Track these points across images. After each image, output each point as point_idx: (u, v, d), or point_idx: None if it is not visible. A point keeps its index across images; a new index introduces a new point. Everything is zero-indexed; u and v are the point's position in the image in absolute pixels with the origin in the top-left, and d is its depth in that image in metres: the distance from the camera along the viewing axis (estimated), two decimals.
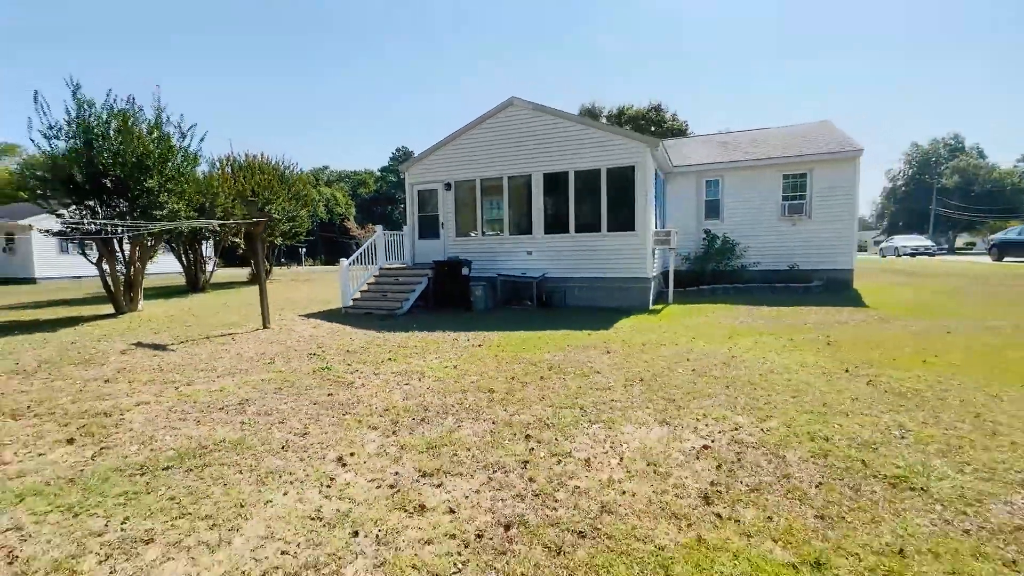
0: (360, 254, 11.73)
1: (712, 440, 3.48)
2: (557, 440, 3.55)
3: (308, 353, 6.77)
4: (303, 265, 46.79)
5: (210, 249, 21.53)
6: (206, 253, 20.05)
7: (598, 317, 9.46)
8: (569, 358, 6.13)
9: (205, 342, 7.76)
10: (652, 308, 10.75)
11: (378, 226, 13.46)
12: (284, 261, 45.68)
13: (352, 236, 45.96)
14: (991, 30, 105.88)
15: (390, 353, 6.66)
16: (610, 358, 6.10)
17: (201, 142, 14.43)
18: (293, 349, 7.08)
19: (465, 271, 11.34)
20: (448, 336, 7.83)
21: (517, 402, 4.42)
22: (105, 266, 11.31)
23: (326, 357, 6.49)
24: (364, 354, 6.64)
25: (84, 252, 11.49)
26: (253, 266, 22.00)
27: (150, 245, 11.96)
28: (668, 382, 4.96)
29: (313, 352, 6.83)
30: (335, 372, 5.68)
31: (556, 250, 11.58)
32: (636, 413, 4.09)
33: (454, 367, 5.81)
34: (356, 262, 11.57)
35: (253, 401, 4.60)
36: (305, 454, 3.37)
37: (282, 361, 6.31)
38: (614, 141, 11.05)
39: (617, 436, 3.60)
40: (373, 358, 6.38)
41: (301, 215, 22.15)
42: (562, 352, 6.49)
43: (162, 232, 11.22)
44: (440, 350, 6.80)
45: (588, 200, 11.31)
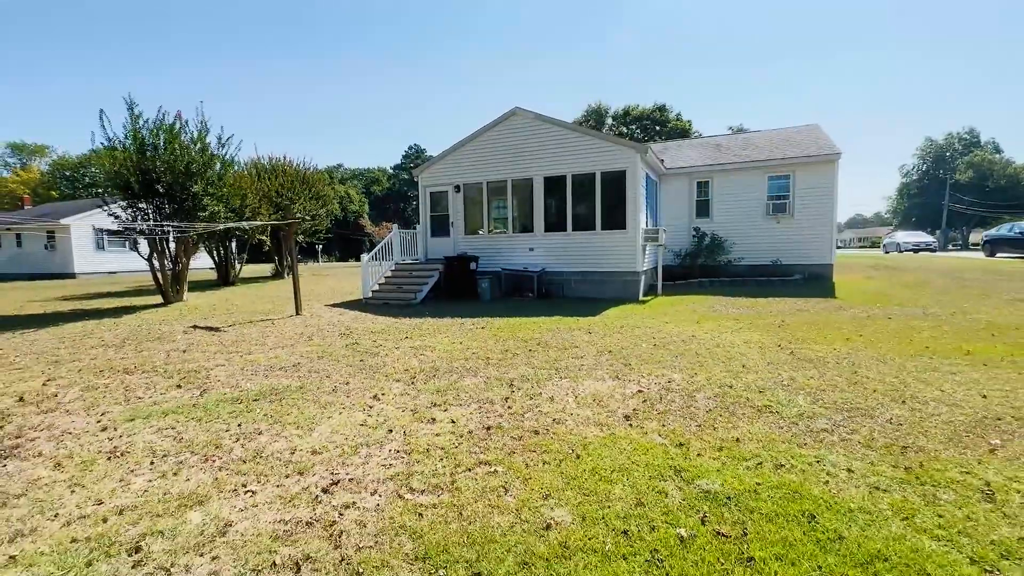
0: (378, 251, 13.08)
1: (647, 387, 4.71)
2: (533, 387, 4.80)
3: (339, 333, 8.11)
4: (319, 262, 48.55)
5: (236, 246, 23.13)
6: (234, 250, 21.63)
7: (590, 306, 10.67)
8: (556, 337, 7.37)
9: (250, 325, 9.15)
10: (642, 299, 11.91)
11: (394, 225, 14.81)
12: (301, 258, 47.48)
13: (366, 233, 47.58)
14: (1007, 23, 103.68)
15: (407, 333, 7.97)
16: (590, 337, 7.33)
17: (237, 151, 15.85)
18: (325, 330, 8.43)
19: (473, 266, 12.61)
20: (456, 321, 9.11)
21: (507, 365, 5.69)
22: (155, 262, 12.81)
23: (354, 336, 7.82)
24: (385, 334, 7.95)
25: (136, 249, 12.98)
26: (277, 263, 23.57)
27: (194, 243, 13.44)
28: (631, 353, 6.18)
29: (343, 332, 8.17)
30: (363, 346, 7.00)
31: (555, 246, 12.79)
32: (597, 372, 5.32)
33: (460, 343, 7.09)
34: (374, 258, 12.92)
35: (303, 364, 5.94)
36: (349, 394, 4.67)
37: (319, 338, 7.66)
38: (607, 148, 12.21)
39: (578, 386, 4.84)
40: (393, 337, 7.69)
41: (320, 214, 23.67)
42: (551, 333, 7.73)
43: (204, 231, 12.69)
44: (449, 331, 8.08)
45: (584, 201, 12.49)
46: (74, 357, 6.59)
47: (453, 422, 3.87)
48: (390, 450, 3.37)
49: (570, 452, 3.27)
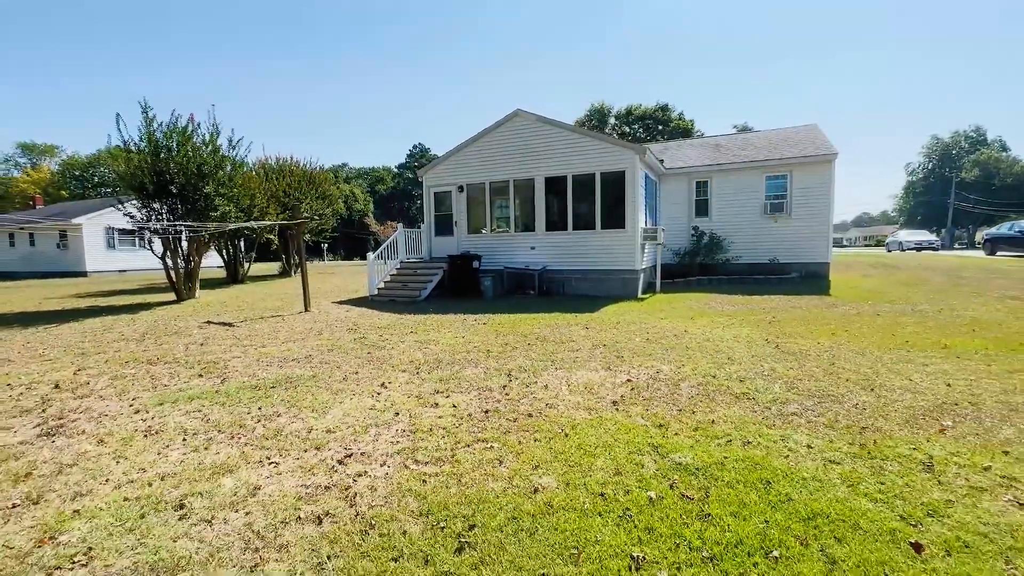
0: (384, 249, 13.45)
1: (636, 377, 5.03)
2: (529, 377, 5.14)
3: (347, 328, 8.48)
4: (325, 260, 49.07)
5: (244, 245, 23.61)
6: (242, 249, 22.10)
7: (589, 304, 10.99)
8: (554, 332, 7.70)
9: (261, 321, 9.54)
10: (640, 297, 12.22)
11: (399, 224, 15.18)
12: (307, 257, 47.97)
13: (371, 232, 48.08)
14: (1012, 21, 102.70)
15: (412, 328, 8.32)
16: (587, 332, 7.66)
17: (247, 153, 16.30)
18: (334, 326, 8.80)
19: (476, 264, 12.96)
20: (459, 317, 9.46)
21: (506, 357, 6.03)
22: (168, 260, 13.23)
23: (361, 331, 8.19)
24: (391, 329, 8.31)
25: (151, 248, 13.41)
26: (284, 261, 24.05)
27: (205, 242, 13.87)
28: (624, 347, 6.50)
29: (350, 328, 8.54)
30: (370, 340, 7.36)
31: (556, 245, 13.12)
32: (591, 364, 5.65)
33: (462, 337, 7.44)
34: (380, 256, 13.29)
35: (314, 356, 6.30)
36: (358, 382, 5.03)
37: (328, 333, 8.03)
38: (607, 149, 12.52)
39: (572, 376, 5.18)
40: (399, 332, 8.05)
41: (326, 213, 24.10)
42: (550, 328, 8.06)
43: (216, 231, 13.10)
44: (452, 327, 8.43)
45: (584, 201, 12.81)
46: (99, 350, 7.00)
47: (454, 407, 4.22)
48: (397, 430, 3.72)
49: (559, 431, 3.61)
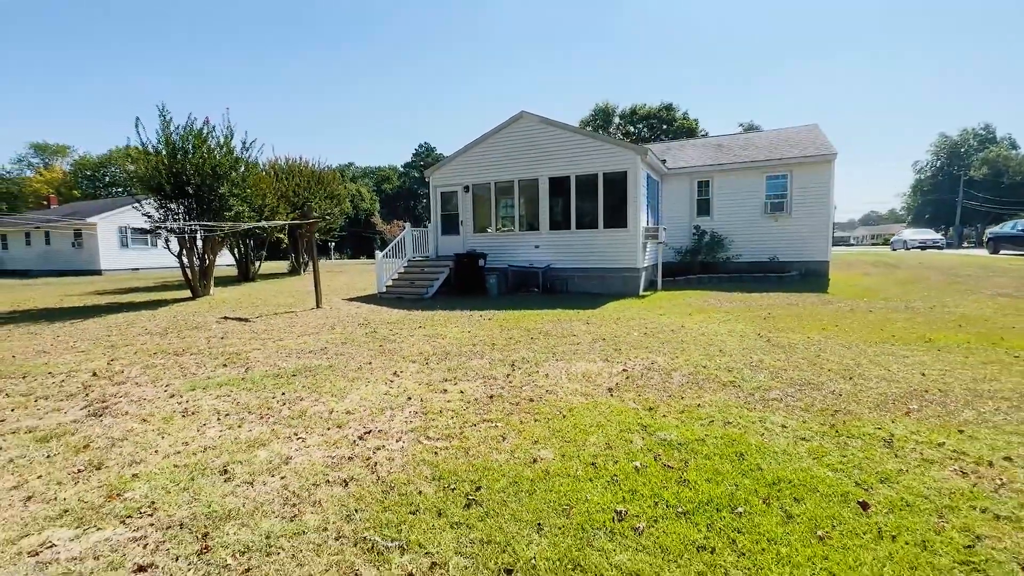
0: (391, 248, 13.85)
1: (632, 368, 5.37)
2: (531, 367, 5.49)
3: (358, 323, 8.87)
4: (332, 259, 49.64)
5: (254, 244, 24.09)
6: (252, 247, 22.58)
7: (591, 300, 11.32)
8: (556, 327, 8.05)
9: (275, 317, 9.95)
10: (641, 294, 12.53)
11: (406, 223, 15.58)
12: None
13: (378, 231, 48.49)
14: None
15: (420, 324, 8.70)
16: (587, 327, 7.99)
17: (260, 154, 16.73)
18: (345, 321, 9.19)
19: (481, 262, 13.32)
20: (465, 313, 9.82)
21: (510, 350, 6.38)
22: (184, 258, 13.69)
23: (372, 325, 8.57)
24: (400, 324, 8.69)
25: (168, 246, 13.87)
26: (293, 259, 24.53)
27: (220, 241, 14.32)
28: (622, 340, 6.84)
29: (361, 323, 8.92)
30: (381, 334, 7.74)
31: (559, 244, 13.45)
32: (589, 355, 6.00)
33: (468, 332, 7.80)
34: (388, 255, 13.68)
35: (329, 349, 6.69)
36: (372, 372, 5.40)
37: (340, 328, 8.42)
38: (609, 150, 12.83)
39: (571, 366, 5.52)
40: (408, 326, 8.42)
41: (334, 212, 24.55)
42: (552, 323, 8.40)
43: (230, 230, 13.54)
44: (458, 322, 8.80)
45: (587, 200, 13.12)
46: (126, 342, 7.42)
47: (462, 392, 4.58)
48: (410, 412, 4.09)
49: (558, 413, 3.96)
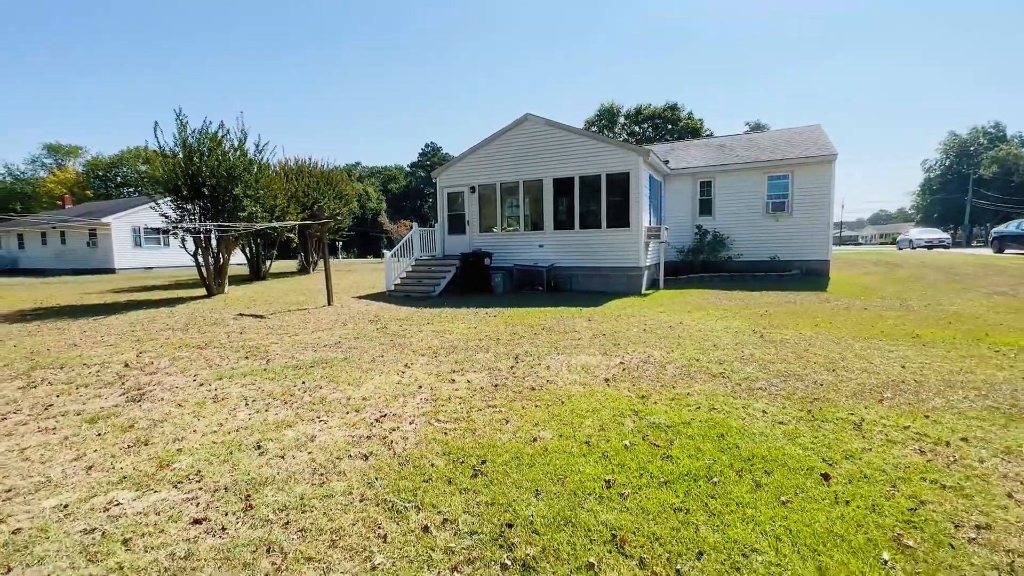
0: (399, 247, 14.22)
1: (628, 360, 5.69)
2: (534, 360, 5.82)
3: (369, 320, 9.24)
4: (339, 258, 50.21)
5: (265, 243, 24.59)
6: (263, 247, 23.07)
7: (594, 299, 11.64)
8: (559, 324, 8.37)
9: (289, 314, 10.35)
10: (643, 293, 12.82)
11: (413, 223, 15.95)
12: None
13: (385, 231, 48.97)
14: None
15: (428, 320, 9.06)
16: (589, 324, 8.31)
17: (272, 155, 17.16)
18: (356, 317, 9.57)
19: (487, 261, 13.67)
20: (471, 311, 10.17)
21: (514, 344, 6.72)
22: (200, 257, 14.15)
23: (382, 322, 8.94)
24: (409, 321, 9.05)
25: (184, 246, 14.34)
26: (303, 258, 25.01)
27: (234, 240, 14.77)
28: (622, 336, 7.15)
29: (372, 319, 9.30)
30: (391, 330, 8.10)
31: (563, 243, 13.76)
32: (589, 350, 6.32)
33: (474, 328, 8.14)
34: (396, 254, 14.06)
35: (342, 343, 7.06)
36: (385, 364, 5.76)
37: (352, 324, 8.80)
38: (612, 152, 13.13)
39: (572, 359, 5.85)
40: (416, 323, 8.78)
41: (343, 212, 25.02)
42: (555, 320, 8.73)
43: (244, 230, 13.97)
44: (465, 319, 9.15)
45: (591, 201, 13.43)
46: (150, 337, 7.84)
47: (468, 382, 4.93)
48: (421, 399, 4.44)
49: (557, 400, 4.29)
